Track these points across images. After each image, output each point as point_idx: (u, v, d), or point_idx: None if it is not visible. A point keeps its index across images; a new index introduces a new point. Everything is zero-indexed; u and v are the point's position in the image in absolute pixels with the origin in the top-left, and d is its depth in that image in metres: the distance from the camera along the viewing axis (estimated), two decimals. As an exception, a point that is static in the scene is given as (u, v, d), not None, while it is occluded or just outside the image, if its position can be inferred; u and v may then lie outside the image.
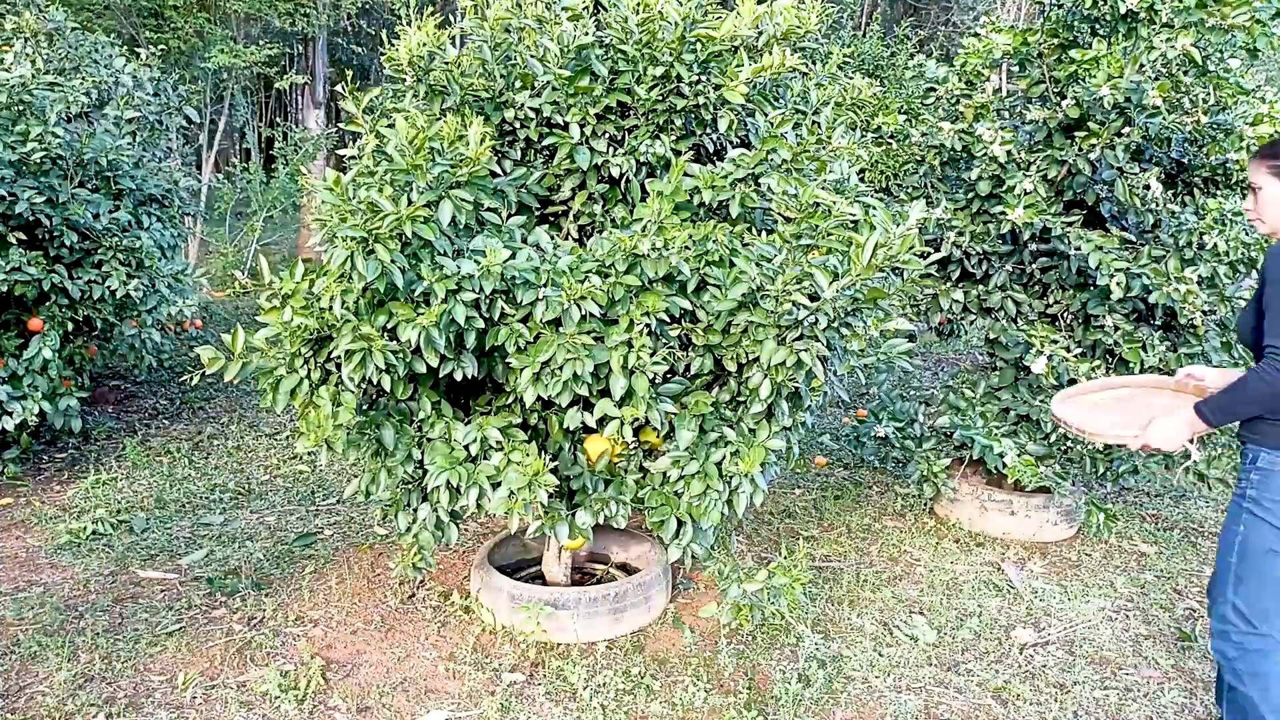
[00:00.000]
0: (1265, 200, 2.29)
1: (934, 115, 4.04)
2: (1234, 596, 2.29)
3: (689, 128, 2.94)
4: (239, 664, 2.97)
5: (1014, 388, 4.00)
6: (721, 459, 2.71)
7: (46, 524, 4.03)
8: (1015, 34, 3.79)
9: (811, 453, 5.34)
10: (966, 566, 3.84)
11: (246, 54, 8.85)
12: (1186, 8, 3.21)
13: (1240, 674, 2.33)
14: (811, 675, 2.97)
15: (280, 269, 2.44)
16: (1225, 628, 2.33)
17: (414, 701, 2.81)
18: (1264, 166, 2.28)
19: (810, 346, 2.44)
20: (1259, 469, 2.22)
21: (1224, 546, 2.33)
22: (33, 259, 4.18)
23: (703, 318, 2.68)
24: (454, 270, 2.41)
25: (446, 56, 2.85)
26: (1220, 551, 2.35)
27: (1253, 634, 2.30)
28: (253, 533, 4.03)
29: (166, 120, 5.47)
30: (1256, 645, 2.30)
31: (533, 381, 2.51)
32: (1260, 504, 2.22)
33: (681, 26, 2.71)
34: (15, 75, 4.23)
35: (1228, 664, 2.37)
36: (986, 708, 2.86)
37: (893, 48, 10.67)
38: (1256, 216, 2.33)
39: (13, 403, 4.16)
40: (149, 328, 4.80)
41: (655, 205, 2.55)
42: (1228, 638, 2.34)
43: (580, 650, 3.09)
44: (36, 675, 2.87)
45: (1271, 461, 2.20)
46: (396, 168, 2.43)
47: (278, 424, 5.62)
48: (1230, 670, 2.36)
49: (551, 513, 2.82)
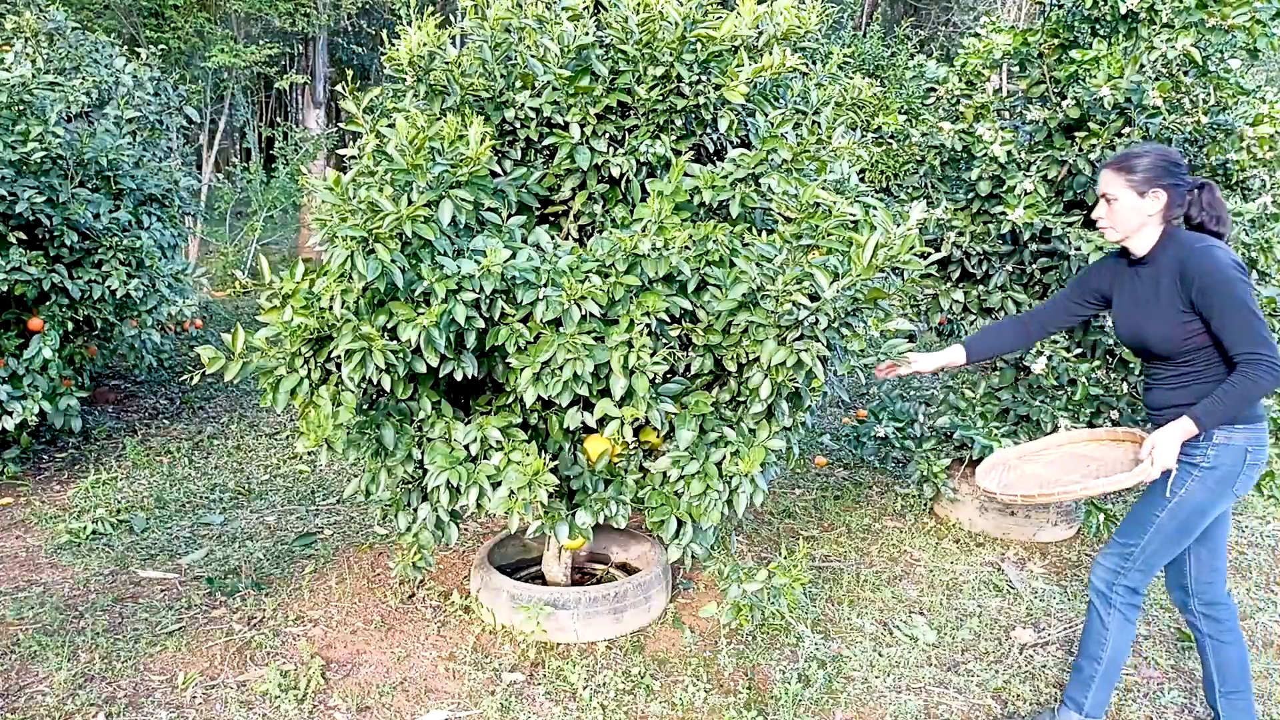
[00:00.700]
0: (1118, 210, 2.44)
1: (934, 115, 4.04)
2: (1149, 543, 2.47)
3: (689, 128, 2.94)
4: (239, 664, 2.97)
5: (1014, 388, 4.01)
6: (722, 459, 2.71)
7: (46, 524, 4.03)
8: (1015, 34, 3.79)
9: (811, 453, 5.34)
10: (966, 567, 3.84)
11: (247, 54, 8.86)
12: (1187, 8, 3.21)
13: (1112, 604, 2.54)
14: (811, 675, 2.97)
15: (280, 269, 2.44)
16: (1122, 565, 2.52)
17: (414, 701, 2.81)
18: (1120, 178, 2.43)
19: (810, 347, 2.44)
20: (1215, 444, 2.38)
21: (1154, 501, 2.48)
22: (33, 259, 4.18)
23: (703, 318, 2.68)
24: (454, 270, 2.41)
25: (447, 56, 2.85)
26: (1147, 503, 2.49)
27: (1145, 574, 2.51)
28: (253, 532, 4.04)
29: (167, 120, 5.47)
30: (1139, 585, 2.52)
31: (533, 381, 2.51)
32: (1214, 471, 2.39)
33: (682, 26, 2.71)
34: (15, 75, 4.23)
35: (1104, 596, 2.56)
36: (986, 708, 2.86)
37: (893, 48, 10.68)
38: (1109, 225, 2.48)
39: (13, 402, 4.17)
40: (149, 327, 4.80)
41: (655, 205, 2.55)
42: (1117, 574, 2.53)
43: (580, 650, 3.09)
44: (36, 675, 2.87)
45: (1228, 437, 2.37)
46: (397, 167, 2.43)
47: (278, 424, 5.62)
48: (1104, 600, 2.56)
49: (551, 512, 2.82)
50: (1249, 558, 4.05)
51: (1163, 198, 2.39)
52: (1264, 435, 2.41)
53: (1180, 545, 2.47)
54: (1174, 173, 2.40)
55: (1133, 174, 2.41)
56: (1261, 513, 4.59)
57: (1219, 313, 2.29)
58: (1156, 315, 2.42)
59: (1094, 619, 2.59)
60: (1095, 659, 2.58)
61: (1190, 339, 2.38)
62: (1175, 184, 2.40)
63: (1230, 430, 2.37)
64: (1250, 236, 3.49)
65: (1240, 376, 2.27)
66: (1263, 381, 2.24)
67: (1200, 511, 2.43)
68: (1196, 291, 2.31)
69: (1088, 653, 2.60)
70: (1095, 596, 2.59)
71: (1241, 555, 4.08)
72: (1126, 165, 2.43)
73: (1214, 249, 2.34)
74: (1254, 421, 2.39)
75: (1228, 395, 2.28)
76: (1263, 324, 2.26)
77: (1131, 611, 2.54)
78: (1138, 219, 2.43)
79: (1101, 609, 2.56)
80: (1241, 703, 2.61)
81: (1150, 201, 2.40)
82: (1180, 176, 2.41)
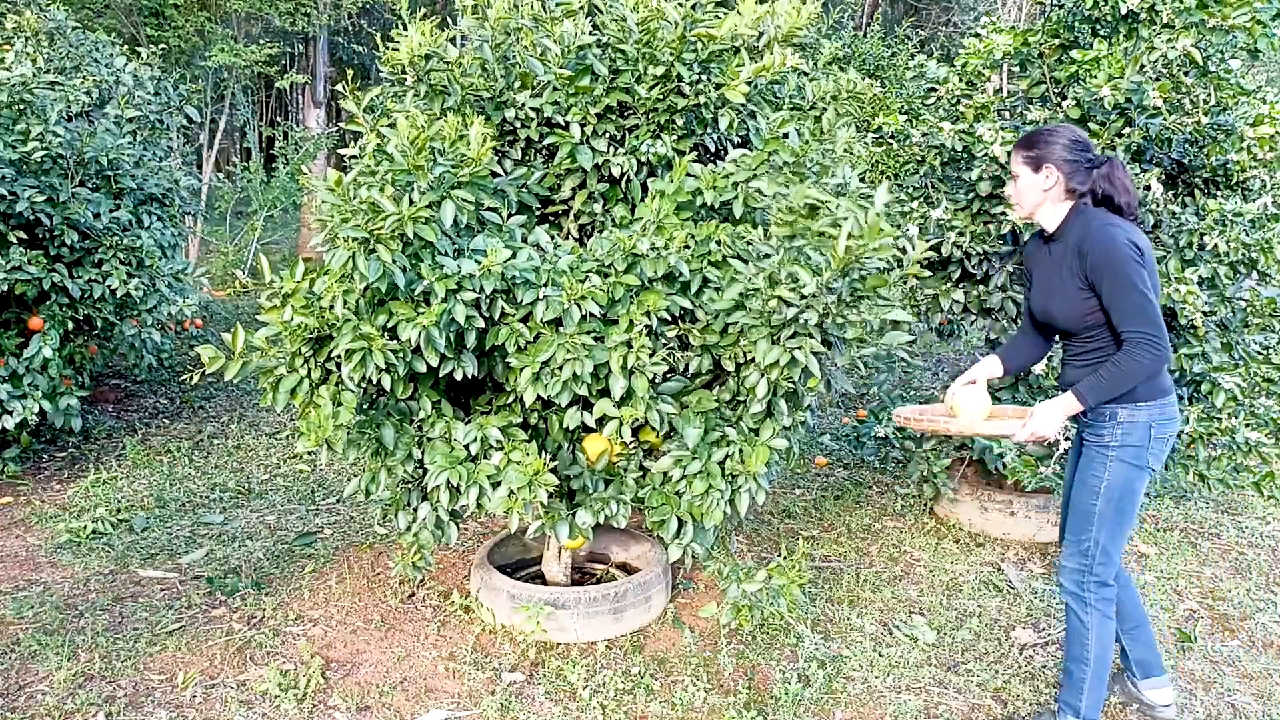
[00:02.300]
0: (1020, 187, 2.55)
1: (935, 115, 4.04)
2: (1098, 533, 2.52)
3: (690, 127, 2.94)
4: (239, 663, 2.97)
5: (1014, 388, 4.00)
6: (724, 458, 2.71)
7: (46, 523, 4.04)
8: (1016, 34, 3.79)
9: (811, 453, 5.34)
10: (966, 567, 3.84)
11: (247, 53, 8.86)
12: (1187, 8, 3.21)
13: (1088, 603, 2.55)
14: (811, 675, 2.97)
15: (281, 268, 2.44)
16: (1085, 563, 2.55)
17: (414, 701, 2.81)
18: (1019, 155, 2.54)
19: (804, 344, 2.44)
20: (1120, 423, 2.46)
21: (1086, 492, 2.54)
22: (33, 258, 4.18)
23: (701, 318, 2.68)
24: (454, 270, 2.41)
25: (447, 57, 2.85)
26: (1081, 497, 2.55)
27: (1108, 564, 2.54)
28: (253, 532, 4.04)
29: (167, 119, 5.47)
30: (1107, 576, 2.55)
31: (533, 381, 2.51)
32: (1125, 449, 2.46)
33: (681, 26, 2.71)
34: (16, 74, 4.23)
35: (1078, 596, 2.58)
36: (986, 708, 2.86)
37: (893, 48, 10.67)
38: (1016, 200, 2.59)
39: (13, 401, 4.17)
40: (149, 327, 4.81)
41: (655, 205, 2.55)
42: (1084, 572, 2.56)
43: (580, 650, 3.09)
44: (36, 674, 2.87)
45: (1131, 414, 2.44)
46: (398, 168, 2.43)
47: (278, 423, 5.62)
48: (1078, 600, 2.58)
49: (551, 512, 2.82)
50: (1249, 558, 4.05)
51: (1054, 174, 2.47)
52: (1170, 410, 2.48)
53: (1126, 524, 2.53)
54: (1072, 149, 2.47)
55: (1029, 150, 2.51)
56: (1261, 513, 4.59)
57: (1108, 290, 2.36)
58: (1060, 291, 2.49)
59: (1073, 622, 2.60)
60: (1082, 661, 2.59)
61: (1089, 315, 2.45)
62: (1072, 159, 2.46)
63: (1133, 408, 2.44)
64: (1250, 237, 3.49)
65: (1124, 355, 2.34)
66: (1143, 360, 2.31)
67: (1129, 489, 2.50)
68: (1090, 268, 2.38)
69: (1074, 656, 2.61)
70: (1069, 599, 2.61)
71: (1242, 555, 4.08)
72: (1025, 142, 2.53)
73: (1112, 227, 2.39)
74: (1156, 397, 2.45)
75: (1109, 373, 2.36)
76: (1150, 304, 2.31)
77: (1107, 606, 2.56)
78: (1035, 194, 2.52)
79: (1078, 610, 2.58)
80: (1144, 634, 2.75)
81: (1044, 177, 2.49)
82: (1080, 153, 2.47)
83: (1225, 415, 3.65)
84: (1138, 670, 2.78)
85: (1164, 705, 2.77)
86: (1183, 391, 3.76)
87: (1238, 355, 3.78)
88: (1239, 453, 3.68)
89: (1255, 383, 3.76)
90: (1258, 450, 3.66)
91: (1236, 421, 3.62)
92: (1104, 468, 2.50)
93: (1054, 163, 2.47)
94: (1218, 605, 3.61)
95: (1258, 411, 3.73)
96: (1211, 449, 3.70)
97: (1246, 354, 3.82)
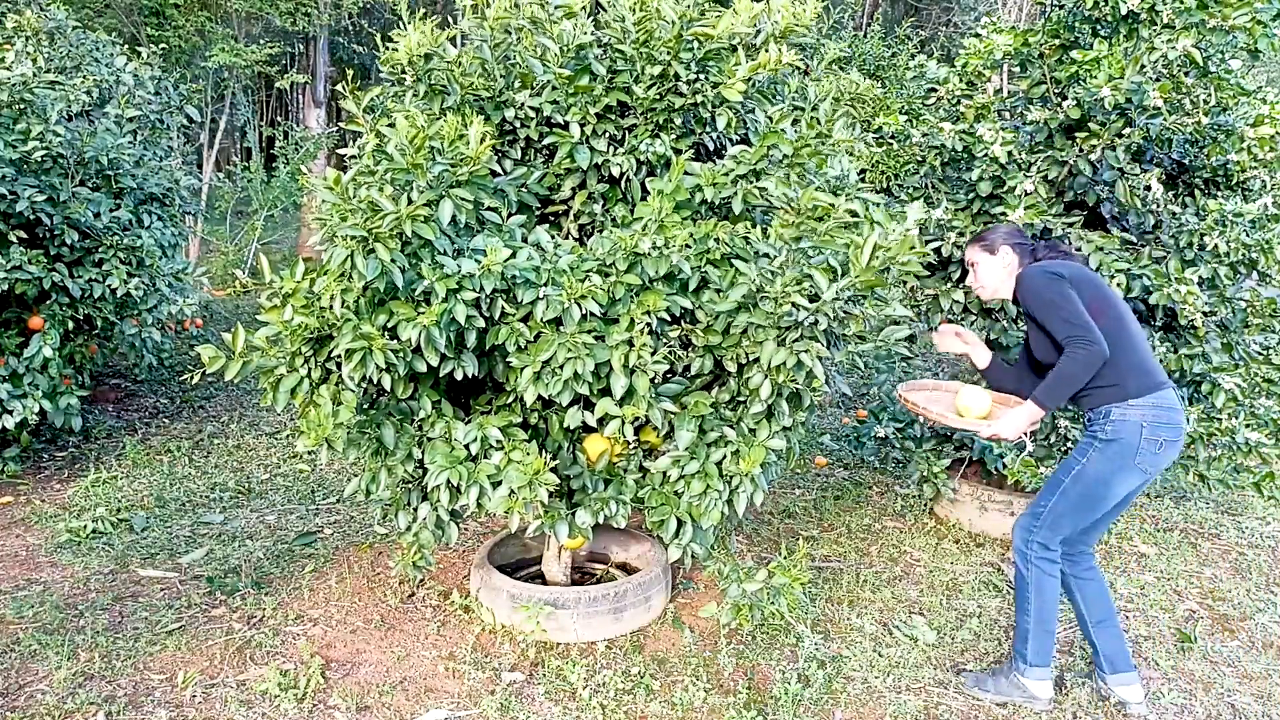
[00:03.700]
0: (983, 274, 2.95)
1: (935, 116, 4.04)
2: (1056, 503, 2.73)
3: (688, 126, 2.94)
4: (239, 663, 2.97)
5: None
6: (722, 459, 2.71)
7: (46, 522, 4.04)
8: (1016, 35, 3.78)
9: (811, 453, 5.34)
10: (966, 567, 3.84)
11: (247, 53, 8.86)
12: (1188, 8, 3.21)
13: (1029, 559, 2.78)
14: (811, 675, 2.97)
15: (281, 268, 2.44)
16: (1034, 523, 2.77)
17: (413, 700, 2.81)
18: (975, 248, 2.96)
19: (810, 347, 2.44)
20: (1112, 421, 2.65)
21: (1063, 468, 2.75)
22: (33, 257, 4.18)
23: (703, 318, 2.68)
24: (454, 269, 2.41)
25: (446, 56, 2.85)
26: (1058, 471, 2.77)
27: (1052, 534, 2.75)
28: (253, 531, 4.04)
29: (167, 119, 5.47)
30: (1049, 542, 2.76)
31: (533, 381, 2.51)
32: (1112, 443, 2.65)
33: (678, 25, 2.71)
34: (16, 74, 4.23)
35: (1022, 552, 2.81)
36: (986, 708, 2.86)
37: (894, 48, 10.68)
38: (979, 285, 2.97)
39: (13, 401, 4.17)
40: (149, 326, 4.81)
41: (656, 203, 2.55)
42: (1030, 531, 2.78)
43: (580, 650, 3.09)
44: (36, 673, 2.87)
45: (1122, 413, 2.64)
46: (397, 167, 2.43)
47: (278, 423, 5.62)
48: (1022, 556, 2.81)
49: (551, 512, 2.82)
50: (1249, 558, 4.05)
51: (1009, 254, 2.89)
52: (1164, 411, 2.64)
53: (1086, 512, 2.71)
54: (1014, 235, 2.93)
55: (982, 242, 2.95)
56: (1261, 513, 4.59)
57: (1042, 318, 2.70)
58: (1035, 338, 2.84)
59: (1018, 576, 2.83)
60: (1025, 612, 2.81)
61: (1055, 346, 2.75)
62: (1019, 243, 2.91)
63: (1125, 407, 2.64)
64: (1250, 237, 3.49)
65: (1064, 358, 2.62)
66: (1079, 356, 2.58)
67: (1102, 481, 2.67)
68: (1031, 311, 2.75)
69: (1020, 608, 2.83)
70: (1016, 555, 2.84)
71: (1242, 556, 4.08)
72: (976, 239, 2.99)
73: (1029, 271, 2.77)
74: (1146, 393, 2.64)
75: (1055, 375, 2.64)
76: (1072, 310, 2.61)
77: (1048, 565, 2.77)
78: (998, 273, 2.92)
79: (1021, 565, 2.81)
80: (1111, 629, 2.85)
81: (1001, 258, 2.90)
82: (1020, 238, 2.93)
83: (1225, 415, 3.65)
84: (1106, 665, 2.86)
85: (1135, 702, 2.83)
86: (1183, 392, 3.75)
87: (1238, 355, 3.78)
88: (1239, 453, 3.68)
89: (1255, 383, 3.76)
90: (1258, 450, 3.66)
91: (1237, 422, 3.62)
92: (1084, 454, 2.71)
93: (1006, 246, 2.90)
94: (1218, 606, 3.61)
95: (1258, 412, 3.73)
96: (1211, 449, 3.70)
97: (1247, 354, 3.82)
